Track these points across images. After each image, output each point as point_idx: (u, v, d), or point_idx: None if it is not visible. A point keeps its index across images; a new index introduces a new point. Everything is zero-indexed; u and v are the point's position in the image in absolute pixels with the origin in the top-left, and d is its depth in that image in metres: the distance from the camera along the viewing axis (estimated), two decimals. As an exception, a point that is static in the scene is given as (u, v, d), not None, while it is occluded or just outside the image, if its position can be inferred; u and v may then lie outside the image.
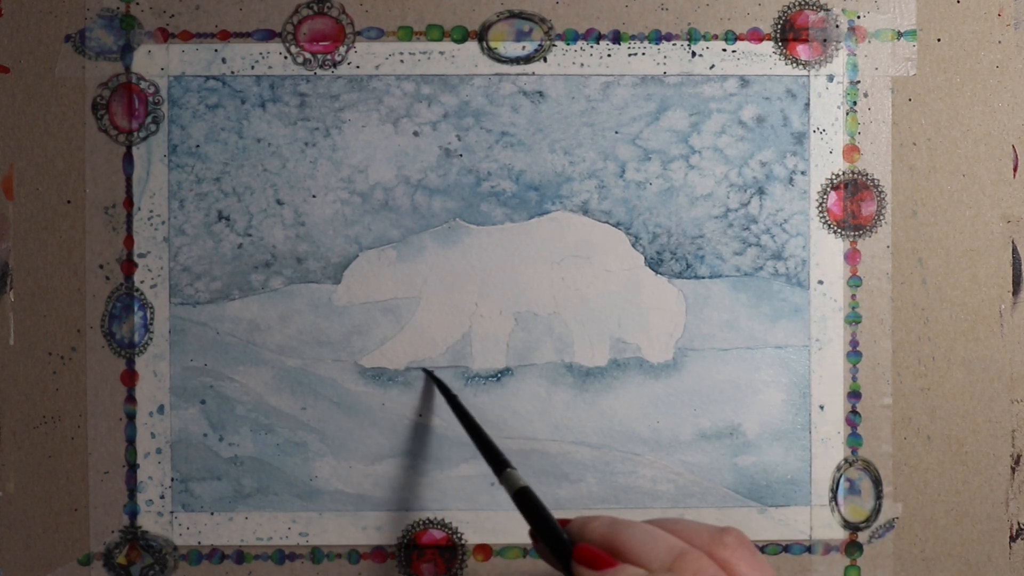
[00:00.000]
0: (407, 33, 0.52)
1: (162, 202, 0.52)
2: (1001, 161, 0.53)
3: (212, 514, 0.52)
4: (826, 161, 0.53)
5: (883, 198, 0.53)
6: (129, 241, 0.52)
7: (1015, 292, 0.53)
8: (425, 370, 0.52)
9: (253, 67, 0.52)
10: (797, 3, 0.53)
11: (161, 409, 0.52)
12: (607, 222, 0.52)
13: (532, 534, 0.42)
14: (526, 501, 0.42)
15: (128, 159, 0.52)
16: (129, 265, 0.52)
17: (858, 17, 0.53)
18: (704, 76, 0.52)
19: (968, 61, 0.53)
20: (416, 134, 0.52)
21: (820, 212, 0.53)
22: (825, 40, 0.52)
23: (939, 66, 0.53)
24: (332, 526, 0.52)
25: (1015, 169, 0.53)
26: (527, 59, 0.52)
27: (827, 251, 0.52)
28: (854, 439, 0.52)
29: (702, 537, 0.37)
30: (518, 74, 0.52)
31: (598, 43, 0.52)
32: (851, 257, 0.52)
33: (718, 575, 0.36)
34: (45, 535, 0.52)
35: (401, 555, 0.52)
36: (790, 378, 0.52)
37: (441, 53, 0.52)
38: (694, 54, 0.52)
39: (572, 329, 0.52)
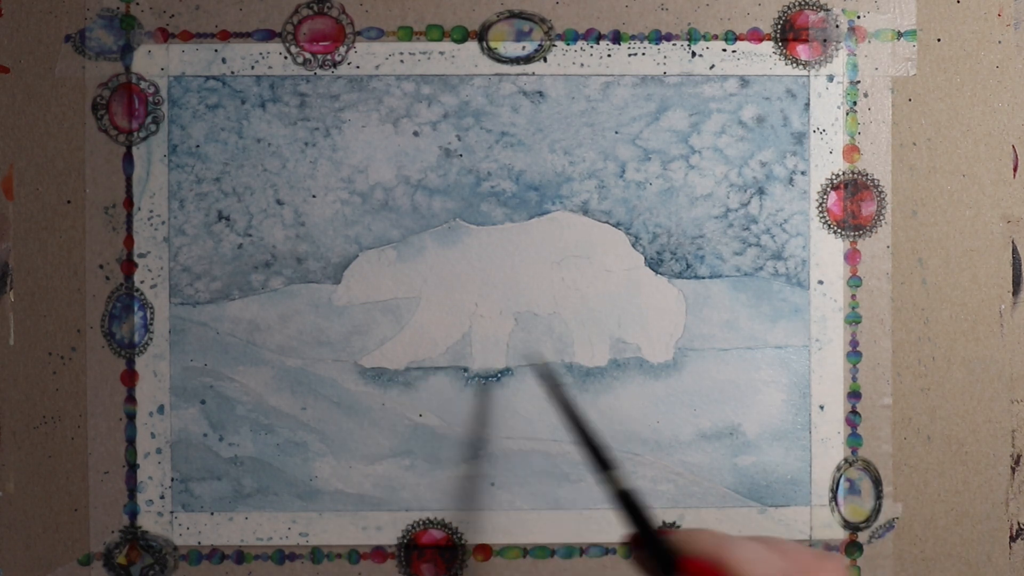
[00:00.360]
0: (407, 33, 0.52)
1: (162, 202, 0.52)
2: (1001, 161, 0.53)
3: (212, 514, 0.52)
4: (826, 161, 0.53)
5: (883, 198, 0.53)
6: (129, 241, 0.52)
7: (1015, 292, 0.53)
8: (538, 365, 0.51)
9: (253, 67, 0.52)
10: (797, 3, 0.53)
11: (161, 409, 0.52)
12: (607, 222, 0.52)
13: (634, 538, 0.40)
14: (630, 504, 0.41)
15: (128, 159, 0.52)
16: (129, 265, 0.52)
17: (858, 17, 0.53)
18: (704, 76, 0.52)
19: (968, 61, 0.53)
20: (416, 134, 0.52)
21: (820, 212, 0.53)
22: (825, 40, 0.52)
23: (939, 66, 0.53)
24: (332, 526, 0.52)
25: (1015, 169, 0.53)
26: (527, 59, 0.52)
27: (827, 251, 0.52)
28: (854, 439, 0.52)
29: (806, 562, 0.37)
30: (518, 74, 0.52)
31: (598, 43, 0.52)
32: (851, 257, 0.52)
33: None
34: (45, 535, 0.52)
35: (401, 555, 0.52)
36: (790, 378, 0.52)
37: (441, 53, 0.52)
38: (694, 54, 0.52)
39: (572, 329, 0.52)
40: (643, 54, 0.52)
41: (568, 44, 0.52)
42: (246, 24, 0.52)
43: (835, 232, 0.53)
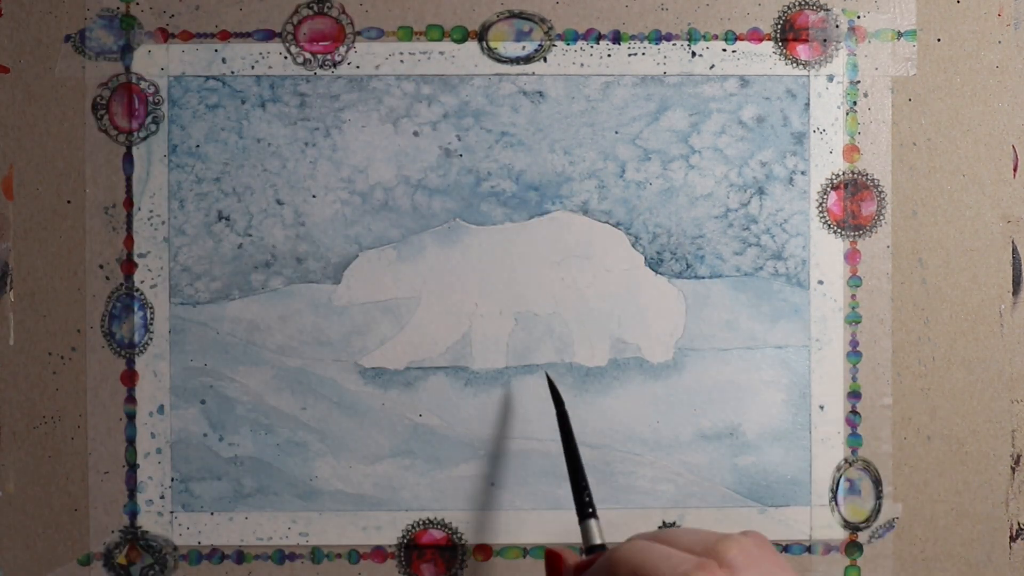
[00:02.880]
0: (407, 33, 0.52)
1: (162, 202, 0.52)
2: (1001, 161, 0.53)
3: (212, 514, 0.52)
4: (826, 161, 0.53)
5: (883, 198, 0.53)
6: (129, 241, 0.52)
7: (1015, 292, 0.53)
8: (548, 377, 0.51)
9: (253, 67, 0.52)
10: (797, 3, 0.53)
11: (161, 409, 0.52)
12: (607, 222, 0.52)
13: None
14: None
15: (128, 159, 0.52)
16: (129, 265, 0.52)
17: (858, 17, 0.53)
18: (704, 76, 0.52)
19: (968, 61, 0.53)
20: (416, 134, 0.52)
21: (820, 212, 0.53)
22: (825, 40, 0.52)
23: (939, 66, 0.53)
24: (332, 526, 0.52)
25: (1015, 169, 0.53)
26: (527, 59, 0.52)
27: (827, 251, 0.52)
28: (854, 439, 0.52)
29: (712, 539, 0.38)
30: (518, 74, 0.52)
31: (598, 43, 0.52)
32: (851, 257, 0.52)
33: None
34: (45, 535, 0.52)
35: (401, 555, 0.52)
36: (790, 378, 0.52)
37: (441, 53, 0.52)
38: (694, 54, 0.52)
39: (572, 329, 0.52)
40: (643, 54, 0.52)
41: (568, 44, 0.52)
42: (246, 24, 0.52)
43: (835, 232, 0.53)
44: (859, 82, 0.52)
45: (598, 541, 0.44)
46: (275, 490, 0.52)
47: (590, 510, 0.45)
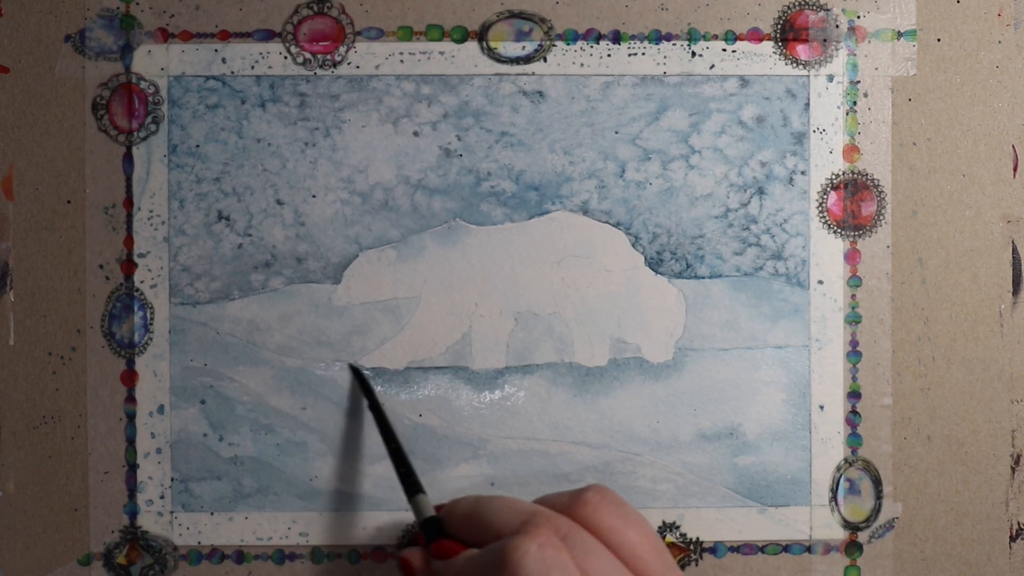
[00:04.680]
0: (407, 33, 0.52)
1: (162, 202, 0.52)
2: (1001, 161, 0.53)
3: (212, 514, 0.52)
4: (826, 161, 0.53)
5: (883, 198, 0.53)
6: (129, 241, 0.52)
7: (1015, 292, 0.53)
8: (352, 365, 0.52)
9: (253, 67, 0.52)
10: (797, 3, 0.53)
11: (161, 409, 0.52)
12: (607, 222, 0.52)
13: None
14: (431, 531, 0.45)
15: (128, 159, 0.52)
16: (129, 265, 0.52)
17: (858, 17, 0.53)
18: (704, 76, 0.52)
19: (968, 61, 0.53)
20: (416, 134, 0.52)
21: (820, 212, 0.53)
22: (825, 40, 0.52)
23: (939, 66, 0.53)
24: (332, 526, 0.52)
25: (1015, 169, 0.53)
26: (527, 59, 0.52)
27: (827, 251, 0.52)
28: (854, 439, 0.52)
29: (562, 500, 0.40)
30: (518, 74, 0.52)
31: (598, 43, 0.52)
32: (851, 257, 0.52)
33: (571, 530, 0.38)
34: (45, 535, 0.52)
35: (401, 555, 0.52)
36: (790, 378, 0.52)
37: (441, 53, 0.52)
38: (694, 54, 0.52)
39: (572, 329, 0.52)
40: (643, 54, 0.52)
41: (568, 44, 0.52)
42: (246, 24, 0.52)
43: (835, 232, 0.53)
44: (859, 82, 0.52)
45: (431, 513, 0.46)
46: (275, 490, 0.52)
47: (417, 487, 0.47)
